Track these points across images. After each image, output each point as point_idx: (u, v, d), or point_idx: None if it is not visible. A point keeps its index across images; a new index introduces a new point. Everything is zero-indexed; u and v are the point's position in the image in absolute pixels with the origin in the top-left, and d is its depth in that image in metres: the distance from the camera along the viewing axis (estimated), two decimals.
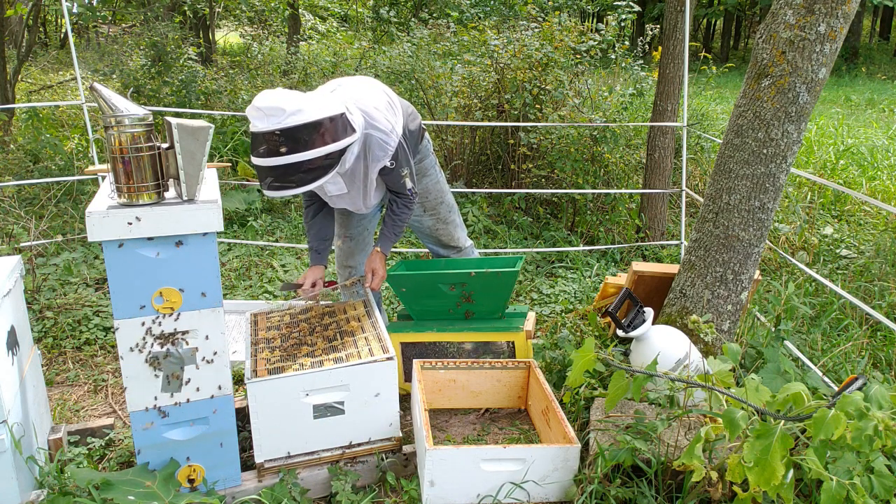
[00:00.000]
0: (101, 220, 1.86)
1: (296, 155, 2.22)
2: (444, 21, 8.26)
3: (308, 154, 2.23)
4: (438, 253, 3.15)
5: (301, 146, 2.22)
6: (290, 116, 2.19)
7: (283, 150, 2.20)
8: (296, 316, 2.67)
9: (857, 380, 1.85)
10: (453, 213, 3.07)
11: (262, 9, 11.39)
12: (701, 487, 1.98)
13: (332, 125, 2.28)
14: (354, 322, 2.57)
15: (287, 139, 2.20)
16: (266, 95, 2.21)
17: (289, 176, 2.25)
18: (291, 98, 2.22)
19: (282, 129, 2.18)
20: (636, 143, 5.66)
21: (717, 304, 2.74)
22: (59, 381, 3.14)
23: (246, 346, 2.45)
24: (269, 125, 2.18)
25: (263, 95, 2.21)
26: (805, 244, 4.68)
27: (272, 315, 2.70)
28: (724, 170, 2.68)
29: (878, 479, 1.73)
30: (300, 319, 2.63)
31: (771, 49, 2.52)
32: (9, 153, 6.03)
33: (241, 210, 5.30)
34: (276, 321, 2.64)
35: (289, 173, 2.25)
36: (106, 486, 1.97)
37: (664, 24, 4.50)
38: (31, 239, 4.13)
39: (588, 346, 2.15)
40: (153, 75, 6.91)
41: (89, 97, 4.00)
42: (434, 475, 2.15)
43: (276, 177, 2.26)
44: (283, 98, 2.20)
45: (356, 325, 2.54)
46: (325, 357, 2.32)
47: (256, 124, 2.21)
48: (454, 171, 5.53)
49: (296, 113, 2.19)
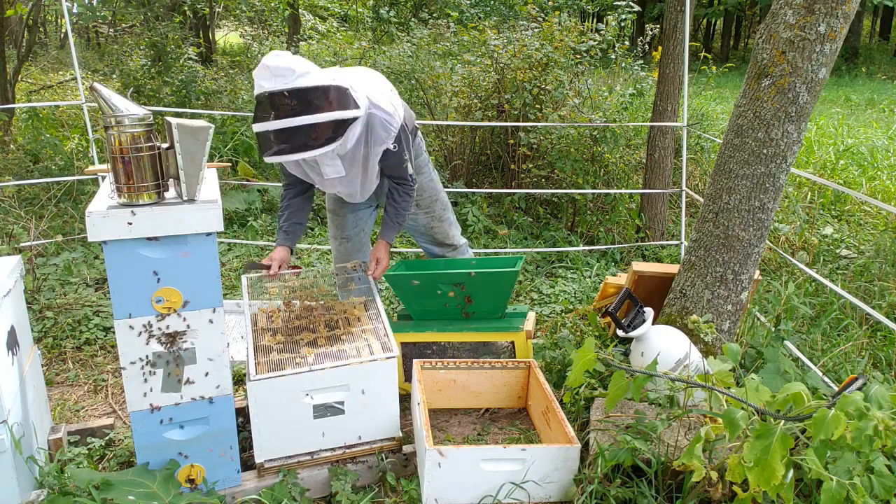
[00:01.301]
0: (101, 220, 1.86)
1: (303, 117, 2.19)
2: (444, 21, 8.26)
3: (316, 117, 2.21)
4: (433, 252, 3.14)
5: (309, 109, 2.20)
6: (300, 78, 2.18)
7: (291, 112, 2.18)
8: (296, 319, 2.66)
9: (857, 380, 1.85)
10: (447, 210, 3.07)
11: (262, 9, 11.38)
12: (701, 487, 1.98)
13: (339, 94, 2.27)
14: (354, 321, 2.57)
15: (295, 100, 2.18)
16: (275, 56, 2.19)
17: (293, 140, 2.22)
18: (300, 61, 2.22)
19: (290, 90, 2.17)
20: (636, 143, 5.66)
21: (717, 304, 2.74)
22: (59, 381, 3.14)
23: (248, 340, 2.44)
24: (277, 85, 2.17)
25: (272, 56, 2.20)
26: (805, 244, 4.68)
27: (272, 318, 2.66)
28: (724, 170, 2.68)
29: (878, 479, 1.73)
30: (300, 323, 2.63)
31: (771, 49, 2.52)
32: (9, 153, 6.04)
33: (241, 210, 5.30)
34: (275, 324, 2.63)
35: (294, 137, 2.22)
36: (106, 487, 1.97)
37: (664, 24, 4.50)
38: (31, 239, 4.13)
39: (588, 346, 2.15)
40: (153, 75, 6.92)
41: (89, 97, 4.00)
42: (434, 475, 2.15)
43: (280, 140, 2.22)
44: (293, 60, 2.20)
45: (356, 328, 2.54)
46: (327, 347, 2.32)
47: (264, 84, 2.19)
48: (454, 171, 5.53)
49: (304, 75, 2.19)
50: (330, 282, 2.82)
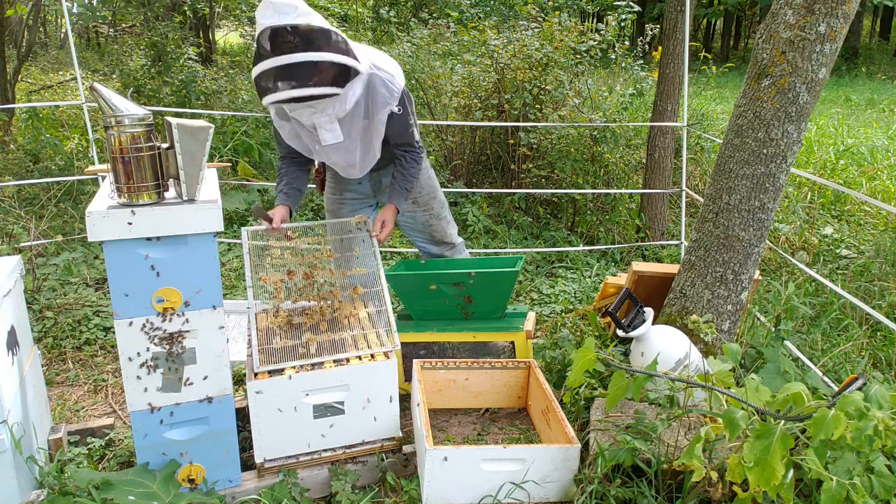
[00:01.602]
0: (101, 220, 1.86)
1: (305, 53, 2.18)
2: (444, 21, 8.26)
3: (318, 55, 2.19)
4: (431, 251, 3.12)
5: (311, 46, 2.18)
6: (302, 16, 2.18)
7: (292, 48, 2.17)
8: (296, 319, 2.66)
9: (857, 380, 1.85)
10: (444, 209, 3.05)
11: None
12: (701, 487, 1.98)
13: (342, 43, 2.25)
14: (354, 322, 2.57)
15: (298, 37, 2.17)
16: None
17: (294, 77, 2.20)
18: (303, 2, 2.22)
19: (293, 25, 2.17)
20: (636, 143, 5.66)
21: (717, 304, 2.74)
22: (59, 381, 3.14)
23: (247, 346, 2.45)
24: (280, 20, 2.17)
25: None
26: (805, 244, 4.68)
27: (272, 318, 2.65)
28: (724, 170, 2.68)
29: (878, 479, 1.73)
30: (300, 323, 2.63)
31: (771, 49, 2.52)
32: (9, 153, 6.04)
33: (241, 210, 5.30)
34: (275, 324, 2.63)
35: (295, 74, 2.20)
36: (106, 487, 1.97)
37: (664, 24, 4.50)
38: (31, 239, 4.13)
39: (588, 346, 2.15)
40: (153, 75, 6.91)
41: (89, 97, 4.00)
42: (434, 475, 2.15)
43: (281, 78, 2.20)
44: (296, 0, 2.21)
45: (356, 328, 2.54)
46: (325, 356, 2.32)
47: (266, 20, 2.18)
48: (454, 171, 5.53)
49: (307, 14, 2.19)
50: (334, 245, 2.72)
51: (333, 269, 2.66)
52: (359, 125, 2.47)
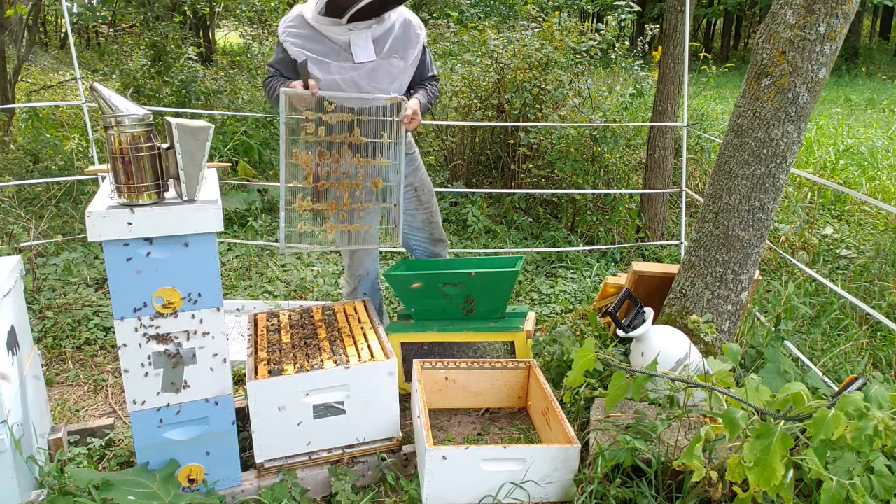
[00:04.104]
0: (101, 220, 1.86)
1: None
2: (444, 21, 8.25)
3: None
4: (430, 251, 3.14)
5: None
6: None
7: None
8: (295, 319, 2.67)
9: (857, 380, 1.85)
10: (438, 206, 3.20)
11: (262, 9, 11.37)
12: (701, 487, 1.98)
13: None
14: (353, 322, 2.57)
15: None
16: None
17: None
18: None
19: None
20: (636, 143, 5.66)
21: (717, 304, 2.74)
22: (59, 381, 3.14)
23: (247, 346, 2.45)
24: None
25: None
26: (805, 244, 4.68)
27: (272, 319, 2.68)
28: (724, 170, 2.68)
29: (878, 479, 1.74)
30: (300, 323, 2.63)
31: (771, 49, 2.52)
32: (9, 153, 6.04)
33: (241, 210, 5.30)
34: (275, 324, 2.64)
35: None
36: (106, 486, 1.97)
37: (664, 24, 4.50)
38: (31, 239, 4.13)
39: (588, 346, 2.15)
40: (153, 75, 6.91)
41: (89, 97, 4.00)
42: (434, 475, 2.15)
43: None
44: None
45: (356, 328, 2.54)
46: (324, 356, 2.32)
47: None
48: (454, 171, 5.53)
49: None
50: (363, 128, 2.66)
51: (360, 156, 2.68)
52: (386, 44, 2.63)
